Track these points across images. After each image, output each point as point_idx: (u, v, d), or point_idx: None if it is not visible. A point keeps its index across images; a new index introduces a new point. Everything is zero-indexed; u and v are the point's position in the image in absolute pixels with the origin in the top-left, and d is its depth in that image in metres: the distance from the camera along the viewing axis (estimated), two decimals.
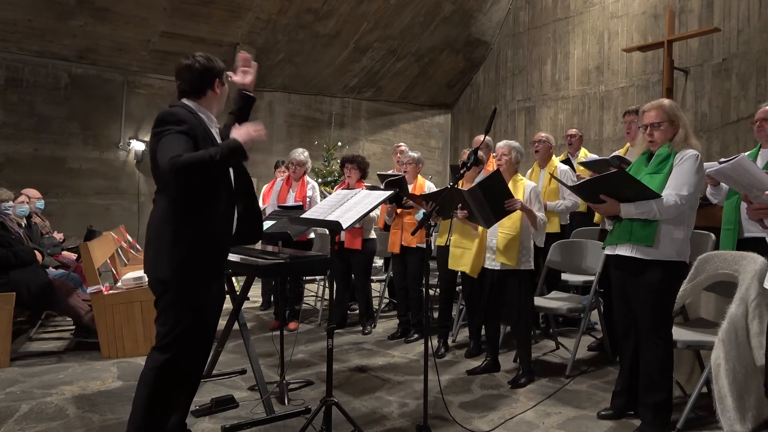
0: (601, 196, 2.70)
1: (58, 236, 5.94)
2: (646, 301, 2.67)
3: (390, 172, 5.31)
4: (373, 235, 4.87)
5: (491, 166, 4.03)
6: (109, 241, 5.33)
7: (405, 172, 4.58)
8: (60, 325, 4.98)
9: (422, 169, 4.71)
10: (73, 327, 4.49)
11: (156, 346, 2.21)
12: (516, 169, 3.63)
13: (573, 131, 5.49)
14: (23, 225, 4.99)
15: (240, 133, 2.18)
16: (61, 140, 7.36)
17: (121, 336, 4.04)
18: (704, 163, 2.72)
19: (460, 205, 3.52)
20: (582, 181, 3.11)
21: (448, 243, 3.87)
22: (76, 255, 5.26)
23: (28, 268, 4.20)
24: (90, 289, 4.08)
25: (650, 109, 2.77)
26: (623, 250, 2.73)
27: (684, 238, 2.67)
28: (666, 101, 2.78)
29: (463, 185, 3.92)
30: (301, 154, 5.08)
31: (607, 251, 2.90)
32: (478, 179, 3.62)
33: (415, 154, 4.60)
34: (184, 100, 2.28)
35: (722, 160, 2.19)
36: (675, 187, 2.60)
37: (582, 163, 4.66)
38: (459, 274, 4.13)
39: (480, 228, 3.64)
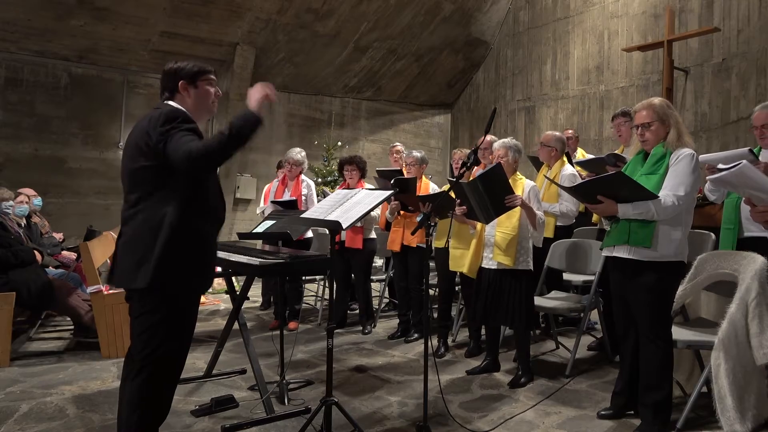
0: (598, 196, 2.70)
1: (58, 236, 5.94)
2: (645, 301, 2.67)
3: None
4: (373, 234, 4.87)
5: None
6: (108, 241, 5.33)
7: (408, 172, 4.58)
8: (60, 325, 4.98)
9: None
10: (73, 327, 4.49)
11: (136, 367, 2.07)
12: (515, 169, 3.61)
13: (569, 133, 5.47)
14: (23, 225, 4.99)
15: (251, 98, 2.10)
16: (61, 140, 7.35)
17: (121, 336, 4.04)
18: (704, 155, 2.70)
19: (459, 201, 3.50)
20: (578, 182, 3.11)
21: (446, 245, 3.87)
22: (76, 255, 5.26)
23: (28, 268, 4.20)
24: (90, 289, 4.09)
25: (641, 109, 2.77)
26: (621, 252, 2.73)
27: (682, 237, 2.66)
28: (656, 100, 2.76)
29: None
30: (297, 153, 5.09)
31: (605, 253, 2.90)
32: (478, 173, 3.60)
33: (418, 154, 4.56)
34: (167, 102, 2.23)
35: (721, 166, 2.18)
36: (672, 188, 2.59)
37: (578, 163, 4.65)
38: (458, 273, 4.13)
39: (478, 226, 3.63)
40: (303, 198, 5.04)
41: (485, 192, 3.21)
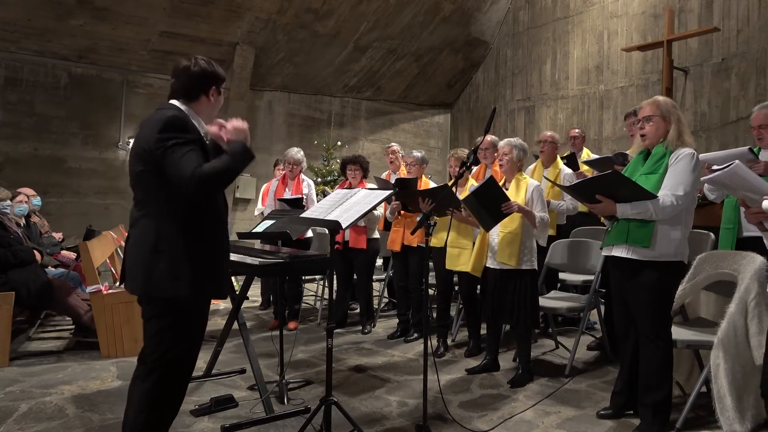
0: (596, 196, 2.70)
1: (57, 236, 5.94)
2: (645, 301, 2.67)
3: (384, 175, 5.31)
4: (376, 234, 4.87)
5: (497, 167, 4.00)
6: (108, 241, 5.33)
7: (409, 172, 4.58)
8: (59, 325, 4.98)
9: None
10: (73, 326, 4.49)
11: (146, 369, 2.10)
12: (520, 167, 3.63)
13: (575, 132, 5.47)
14: (22, 224, 4.99)
15: (235, 133, 2.08)
16: (60, 140, 7.36)
17: (120, 335, 4.04)
18: (704, 155, 2.70)
19: (463, 206, 3.54)
20: (577, 182, 3.11)
21: (446, 244, 3.87)
22: (76, 254, 5.26)
23: (28, 268, 4.19)
24: (89, 289, 4.08)
25: (645, 105, 2.81)
26: (619, 251, 2.73)
27: (681, 237, 2.66)
28: (661, 98, 2.80)
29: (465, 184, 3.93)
30: (296, 153, 5.09)
31: (604, 252, 2.90)
32: (471, 188, 3.64)
33: (419, 154, 4.55)
34: (175, 102, 2.15)
35: (715, 167, 2.19)
36: (671, 187, 2.59)
37: (586, 162, 4.66)
38: (456, 273, 4.13)
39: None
40: (304, 197, 5.04)
41: (481, 205, 3.32)
